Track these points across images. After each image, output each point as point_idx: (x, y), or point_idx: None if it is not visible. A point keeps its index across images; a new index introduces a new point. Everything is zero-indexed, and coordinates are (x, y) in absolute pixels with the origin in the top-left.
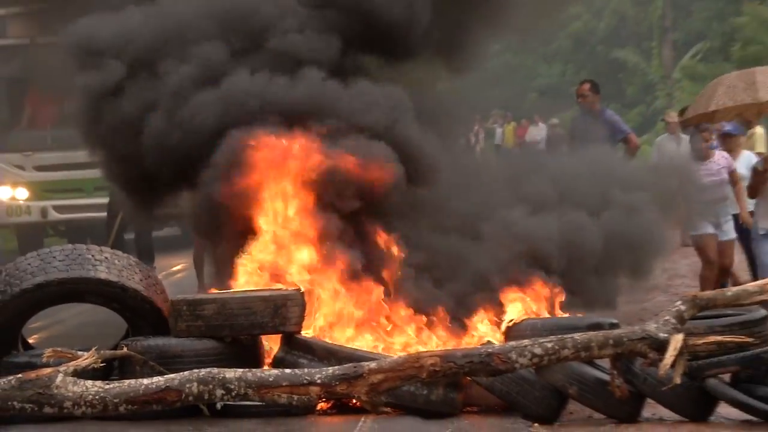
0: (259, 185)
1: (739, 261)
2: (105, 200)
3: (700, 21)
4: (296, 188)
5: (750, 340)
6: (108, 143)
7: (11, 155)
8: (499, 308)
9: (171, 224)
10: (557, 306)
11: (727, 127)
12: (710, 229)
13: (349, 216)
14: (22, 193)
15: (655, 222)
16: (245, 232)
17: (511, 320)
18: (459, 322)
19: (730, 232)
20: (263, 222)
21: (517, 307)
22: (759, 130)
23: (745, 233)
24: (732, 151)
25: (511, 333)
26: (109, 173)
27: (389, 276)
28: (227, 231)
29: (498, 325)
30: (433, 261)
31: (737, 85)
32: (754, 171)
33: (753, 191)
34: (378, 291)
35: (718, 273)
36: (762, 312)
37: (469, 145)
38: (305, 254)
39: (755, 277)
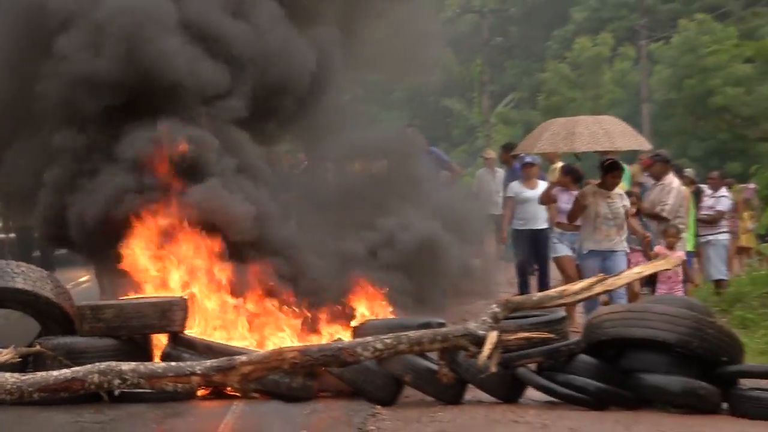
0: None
1: None
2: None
3: (512, 76)
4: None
5: (552, 336)
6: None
7: None
8: (348, 311)
9: None
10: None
11: (528, 158)
12: (568, 252)
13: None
14: None
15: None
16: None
17: (358, 321)
18: (316, 323)
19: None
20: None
21: (361, 310)
22: (558, 164)
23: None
24: (529, 178)
25: (357, 331)
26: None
27: (260, 286)
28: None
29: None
30: (296, 273)
31: (559, 133)
32: (575, 201)
33: (572, 218)
34: (251, 298)
35: None
36: (561, 313)
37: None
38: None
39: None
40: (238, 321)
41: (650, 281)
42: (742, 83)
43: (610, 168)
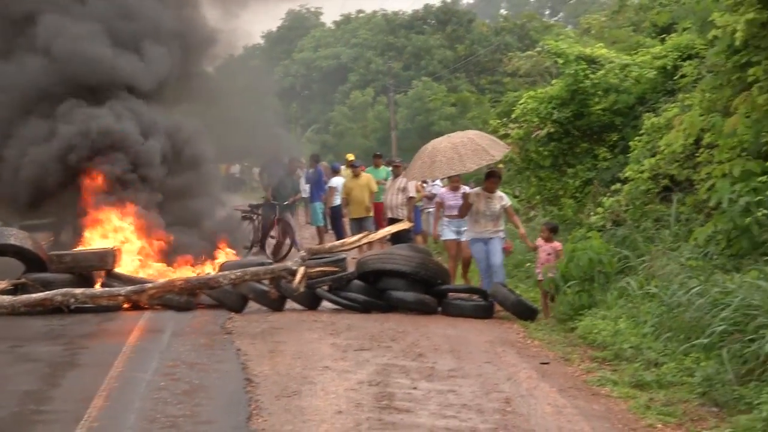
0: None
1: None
2: None
3: (314, 113)
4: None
5: (336, 269)
6: None
7: None
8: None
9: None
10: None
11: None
12: (452, 236)
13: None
14: None
15: None
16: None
17: (222, 262)
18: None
19: (464, 236)
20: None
21: (223, 253)
22: (344, 166)
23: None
24: (328, 177)
25: (221, 268)
26: None
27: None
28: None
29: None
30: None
31: (425, 162)
32: (463, 200)
33: (462, 213)
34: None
35: (461, 263)
36: (342, 255)
37: None
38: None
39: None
40: (146, 263)
41: None
42: (450, 118)
43: (488, 176)
